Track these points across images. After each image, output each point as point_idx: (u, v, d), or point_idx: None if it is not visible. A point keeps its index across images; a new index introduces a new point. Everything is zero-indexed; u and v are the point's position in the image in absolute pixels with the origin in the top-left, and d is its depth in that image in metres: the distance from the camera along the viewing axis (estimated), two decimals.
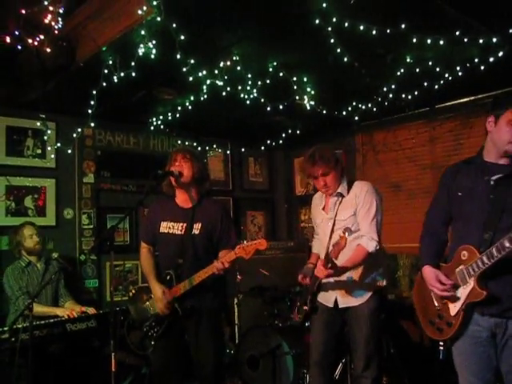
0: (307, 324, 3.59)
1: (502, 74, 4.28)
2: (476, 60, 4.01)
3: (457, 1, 3.22)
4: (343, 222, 3.27)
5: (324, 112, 4.94)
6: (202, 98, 4.59)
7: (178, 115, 5.17)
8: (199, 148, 6.16)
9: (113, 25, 3.55)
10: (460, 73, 4.22)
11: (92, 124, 4.36)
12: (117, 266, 5.47)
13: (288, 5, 3.27)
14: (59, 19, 3.49)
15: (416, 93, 4.73)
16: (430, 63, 4.08)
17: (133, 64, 3.67)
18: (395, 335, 4.39)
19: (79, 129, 4.98)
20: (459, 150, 5.23)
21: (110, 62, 3.79)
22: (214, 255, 3.26)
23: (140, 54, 3.57)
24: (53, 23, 3.48)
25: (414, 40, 3.57)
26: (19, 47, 3.66)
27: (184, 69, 3.88)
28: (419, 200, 5.53)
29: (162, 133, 5.94)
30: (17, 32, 3.47)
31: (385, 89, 4.59)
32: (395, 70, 4.21)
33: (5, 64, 4.09)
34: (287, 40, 3.78)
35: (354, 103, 5.08)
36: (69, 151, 5.12)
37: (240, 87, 4.46)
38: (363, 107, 5.10)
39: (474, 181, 2.47)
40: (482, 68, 4.08)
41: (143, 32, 3.38)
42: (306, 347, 3.54)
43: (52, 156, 5.18)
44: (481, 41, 3.61)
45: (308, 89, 4.52)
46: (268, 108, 4.80)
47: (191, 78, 4.07)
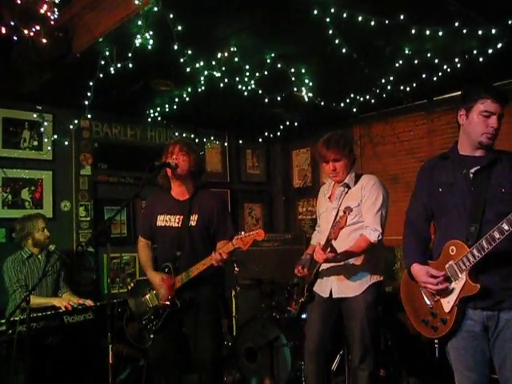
0: (304, 316, 3.60)
1: (501, 66, 4.27)
2: (475, 52, 3.99)
3: None
4: None
5: (322, 104, 4.92)
6: (200, 90, 4.57)
7: (176, 107, 5.14)
8: (197, 140, 6.14)
9: (109, 15, 3.53)
10: (459, 64, 4.21)
11: (89, 116, 4.33)
12: (114, 259, 5.46)
13: None
14: (55, 9, 3.49)
15: (414, 85, 4.71)
16: (429, 55, 4.06)
17: (130, 55, 3.66)
18: (392, 328, 4.39)
19: (76, 120, 4.94)
20: None
21: (107, 53, 3.77)
22: (212, 247, 3.25)
23: (137, 45, 3.55)
24: (48, 13, 3.47)
25: (413, 31, 3.55)
26: (15, 38, 3.64)
27: (181, 60, 3.87)
28: None
29: (160, 124, 5.91)
30: (12, 22, 3.45)
31: (383, 80, 4.58)
32: (394, 62, 4.20)
33: (1, 55, 4.06)
34: (285, 31, 3.75)
35: (352, 95, 5.06)
36: (66, 143, 5.11)
37: (238, 79, 4.44)
38: (361, 99, 5.08)
39: (453, 175, 2.45)
40: (481, 60, 4.06)
41: (140, 23, 3.36)
42: (304, 339, 3.55)
43: (49, 148, 5.16)
44: (480, 32, 3.59)
45: (306, 80, 4.51)
46: (266, 100, 4.78)
47: (188, 69, 4.05)
